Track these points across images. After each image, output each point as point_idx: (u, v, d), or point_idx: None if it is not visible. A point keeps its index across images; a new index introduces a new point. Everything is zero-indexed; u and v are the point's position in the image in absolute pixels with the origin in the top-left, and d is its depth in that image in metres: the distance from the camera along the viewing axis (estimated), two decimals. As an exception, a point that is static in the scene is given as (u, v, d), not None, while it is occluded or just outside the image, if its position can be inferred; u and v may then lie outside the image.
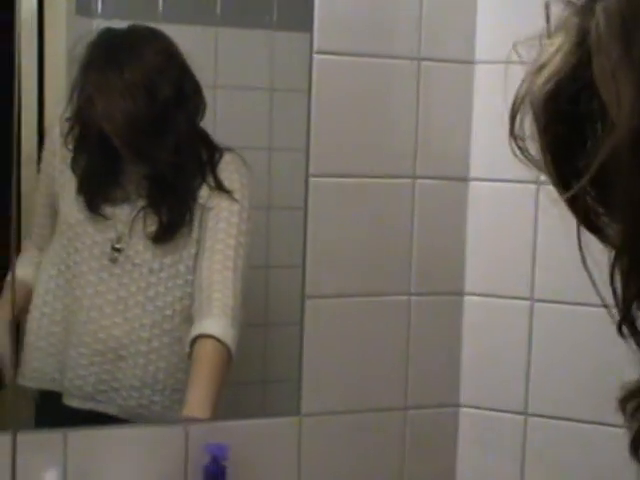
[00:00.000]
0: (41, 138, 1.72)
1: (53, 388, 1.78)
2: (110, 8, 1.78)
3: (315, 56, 1.78)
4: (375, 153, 1.84)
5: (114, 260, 1.75)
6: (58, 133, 1.74)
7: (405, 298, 1.88)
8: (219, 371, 1.71)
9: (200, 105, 1.75)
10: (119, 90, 1.68)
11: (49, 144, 1.74)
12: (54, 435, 1.67)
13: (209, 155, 1.77)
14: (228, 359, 1.71)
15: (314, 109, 1.79)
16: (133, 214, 1.75)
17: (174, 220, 1.75)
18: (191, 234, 1.76)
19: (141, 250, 1.75)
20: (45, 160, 1.74)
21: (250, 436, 1.79)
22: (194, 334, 1.71)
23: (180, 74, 1.73)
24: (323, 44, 1.78)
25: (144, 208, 1.74)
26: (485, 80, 1.86)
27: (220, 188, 1.76)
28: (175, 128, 1.72)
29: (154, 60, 1.72)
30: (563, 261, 1.77)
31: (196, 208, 1.76)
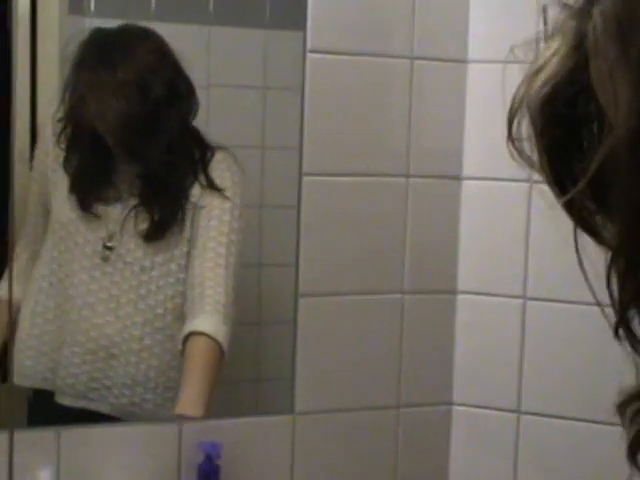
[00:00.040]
0: (34, 137, 1.72)
1: (45, 387, 1.78)
2: (103, 7, 1.78)
3: (308, 55, 1.78)
4: (368, 152, 1.84)
5: (106, 258, 1.75)
6: (51, 132, 1.73)
7: (398, 296, 1.88)
8: (212, 368, 1.71)
9: (193, 104, 1.75)
10: (112, 89, 1.68)
11: (42, 143, 1.74)
12: (48, 434, 1.67)
13: (201, 154, 1.77)
14: (221, 356, 1.71)
15: (307, 108, 1.79)
16: (125, 212, 1.75)
17: (165, 218, 1.75)
18: (183, 233, 1.76)
19: (133, 248, 1.75)
20: (37, 159, 1.74)
21: (244, 434, 1.79)
22: (186, 331, 1.71)
23: (172, 73, 1.73)
24: (316, 43, 1.78)
25: (136, 206, 1.74)
26: (478, 79, 1.87)
27: (212, 186, 1.76)
28: (168, 127, 1.72)
29: (146, 59, 1.72)
30: (555, 259, 1.77)
31: (188, 207, 1.76)
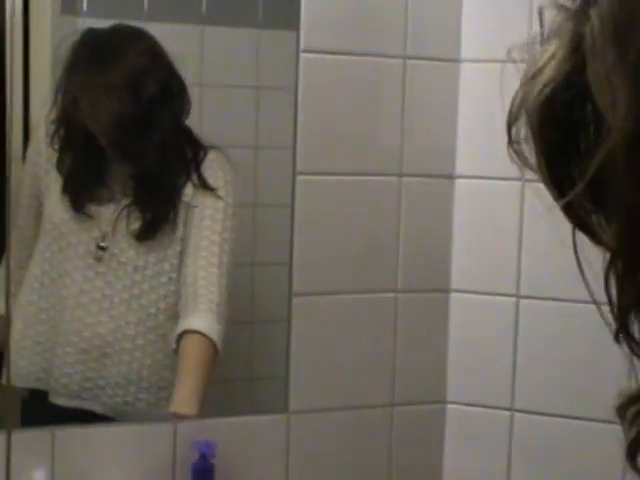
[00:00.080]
0: (26, 138, 1.72)
1: (39, 387, 1.78)
2: (95, 7, 1.77)
3: (301, 54, 1.78)
4: (361, 151, 1.84)
5: (99, 258, 1.75)
6: (43, 133, 1.73)
7: (392, 295, 1.88)
8: (206, 366, 1.71)
9: (185, 104, 1.75)
10: (104, 90, 1.68)
11: (34, 144, 1.74)
12: (42, 434, 1.67)
13: (194, 153, 1.77)
14: (214, 354, 1.71)
15: (301, 107, 1.79)
16: (117, 212, 1.75)
17: (158, 218, 1.75)
18: (175, 232, 1.76)
19: (125, 248, 1.75)
20: (30, 160, 1.74)
21: (238, 433, 1.79)
22: (180, 330, 1.71)
23: (165, 73, 1.73)
24: (309, 42, 1.78)
25: (128, 206, 1.74)
26: (471, 78, 1.87)
27: (204, 186, 1.76)
28: (161, 127, 1.72)
29: (139, 60, 1.71)
30: (548, 258, 1.78)
31: (181, 206, 1.76)
